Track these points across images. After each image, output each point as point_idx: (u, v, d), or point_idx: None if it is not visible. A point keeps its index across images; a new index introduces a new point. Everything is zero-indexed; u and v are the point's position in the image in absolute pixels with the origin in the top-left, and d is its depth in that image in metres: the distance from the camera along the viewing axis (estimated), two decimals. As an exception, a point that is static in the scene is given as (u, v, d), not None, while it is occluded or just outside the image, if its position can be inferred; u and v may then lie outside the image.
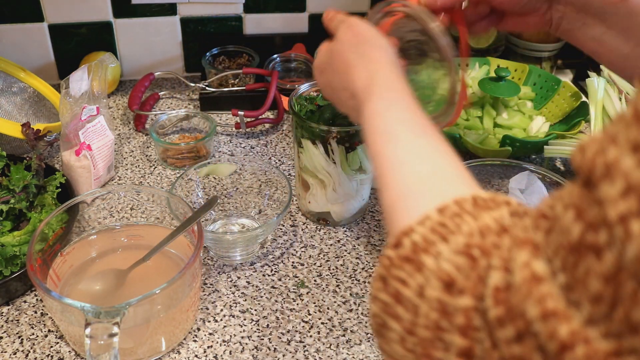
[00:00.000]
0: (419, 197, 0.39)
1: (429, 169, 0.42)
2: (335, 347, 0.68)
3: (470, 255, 0.32)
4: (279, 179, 0.82)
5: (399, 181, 0.42)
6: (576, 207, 0.26)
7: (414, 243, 0.35)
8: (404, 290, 0.34)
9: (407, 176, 0.42)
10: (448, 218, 0.35)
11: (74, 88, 0.82)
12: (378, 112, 0.49)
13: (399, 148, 0.44)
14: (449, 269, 0.32)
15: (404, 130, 0.46)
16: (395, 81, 0.51)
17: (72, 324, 0.61)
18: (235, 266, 0.78)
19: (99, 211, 0.77)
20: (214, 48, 1.14)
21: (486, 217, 0.34)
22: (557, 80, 1.04)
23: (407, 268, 0.34)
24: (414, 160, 0.43)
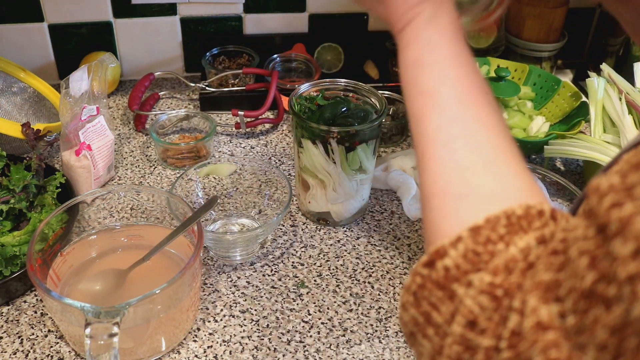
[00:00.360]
0: (461, 197, 0.38)
1: (475, 157, 0.39)
2: (335, 347, 0.68)
3: (494, 296, 0.32)
4: (279, 179, 0.82)
5: (440, 170, 0.40)
6: (591, 255, 0.27)
7: (446, 269, 0.35)
8: (434, 315, 0.35)
9: (451, 166, 0.39)
10: (481, 245, 0.34)
11: (74, 88, 0.82)
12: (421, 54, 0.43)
13: (443, 123, 0.41)
14: (473, 308, 0.32)
15: (451, 94, 0.41)
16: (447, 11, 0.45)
17: (72, 324, 0.61)
18: (235, 266, 0.78)
19: (99, 211, 0.77)
20: (214, 48, 1.14)
21: (513, 248, 0.34)
22: (557, 80, 1.04)
23: (438, 294, 0.35)
24: (460, 146, 0.40)
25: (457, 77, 0.42)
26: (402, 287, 0.38)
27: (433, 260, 0.36)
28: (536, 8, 1.12)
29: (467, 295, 0.33)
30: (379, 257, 0.80)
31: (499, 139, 0.40)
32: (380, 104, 0.78)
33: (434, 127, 0.41)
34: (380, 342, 0.69)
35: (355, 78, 0.84)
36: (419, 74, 0.44)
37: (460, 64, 0.43)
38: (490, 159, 0.39)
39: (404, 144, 1.03)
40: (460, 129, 0.40)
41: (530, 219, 0.35)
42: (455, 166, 0.39)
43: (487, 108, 0.42)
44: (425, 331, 0.35)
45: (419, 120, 0.42)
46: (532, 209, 0.36)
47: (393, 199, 0.90)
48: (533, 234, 0.34)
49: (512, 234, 0.34)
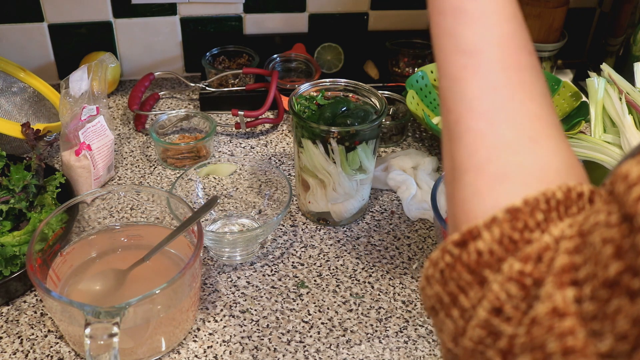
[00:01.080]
0: (498, 175, 0.35)
1: (518, 135, 0.36)
2: (335, 347, 0.68)
3: (522, 284, 0.31)
4: (279, 179, 0.82)
5: (478, 144, 0.36)
6: (616, 245, 0.26)
7: (479, 253, 0.33)
8: (462, 298, 0.34)
9: (490, 142, 0.36)
10: (517, 232, 0.32)
11: (73, 88, 0.82)
12: None
13: (485, 90, 0.37)
14: (500, 295, 0.31)
15: (497, 56, 0.37)
16: None
17: (72, 324, 0.61)
18: (235, 266, 0.78)
19: (99, 211, 0.77)
20: (214, 48, 1.14)
21: (547, 236, 0.32)
22: (557, 80, 1.04)
23: (468, 278, 0.33)
24: (502, 119, 0.36)
25: (504, 34, 0.38)
26: (427, 258, 0.36)
27: (465, 240, 0.34)
28: (536, 8, 1.12)
29: (495, 281, 0.32)
30: (379, 257, 0.80)
31: (542, 109, 0.37)
32: (380, 104, 0.78)
33: (475, 94, 0.37)
34: (380, 342, 0.69)
35: (355, 78, 0.84)
36: (460, 26, 0.38)
37: (508, 18, 0.38)
38: (533, 135, 0.36)
39: (404, 144, 1.03)
40: (504, 99, 0.36)
41: (569, 204, 0.33)
42: (496, 142, 0.36)
43: (532, 73, 0.38)
44: (449, 311, 0.34)
45: (455, 82, 0.38)
46: (572, 192, 0.33)
47: (393, 199, 0.90)
48: (568, 220, 0.32)
49: (549, 221, 0.33)
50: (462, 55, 0.38)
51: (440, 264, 0.35)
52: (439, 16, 0.39)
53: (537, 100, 0.37)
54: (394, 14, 1.20)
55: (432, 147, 1.01)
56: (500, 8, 0.38)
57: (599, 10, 1.28)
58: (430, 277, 0.36)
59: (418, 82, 1.03)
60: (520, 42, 0.38)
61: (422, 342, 0.69)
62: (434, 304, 0.36)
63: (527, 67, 0.38)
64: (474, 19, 0.38)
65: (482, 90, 0.37)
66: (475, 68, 0.37)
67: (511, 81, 0.37)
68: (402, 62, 1.13)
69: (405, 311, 0.72)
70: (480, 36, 0.38)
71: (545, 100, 0.38)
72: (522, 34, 0.39)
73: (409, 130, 1.05)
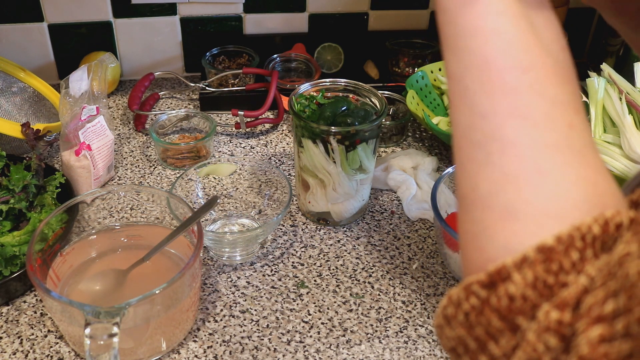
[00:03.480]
0: (506, 220, 0.32)
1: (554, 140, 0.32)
2: (335, 347, 0.68)
3: (562, 335, 0.28)
4: (279, 179, 0.82)
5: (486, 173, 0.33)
6: None
7: (510, 297, 0.30)
8: (491, 346, 0.31)
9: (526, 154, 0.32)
10: (552, 275, 0.29)
11: (73, 88, 0.82)
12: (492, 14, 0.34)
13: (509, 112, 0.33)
14: (538, 346, 0.28)
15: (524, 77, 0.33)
16: None
17: (72, 324, 0.61)
18: (235, 266, 0.78)
19: (98, 211, 0.77)
20: (214, 48, 1.14)
21: (584, 278, 0.29)
22: (557, 80, 1.04)
23: (498, 324, 0.30)
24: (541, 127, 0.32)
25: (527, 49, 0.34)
26: (445, 296, 0.34)
27: (494, 282, 0.31)
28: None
29: (530, 329, 0.29)
30: (379, 257, 0.80)
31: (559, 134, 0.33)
32: (380, 104, 0.78)
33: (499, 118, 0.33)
34: (380, 342, 0.69)
35: (355, 78, 0.84)
36: (480, 40, 0.34)
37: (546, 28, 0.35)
38: (541, 166, 0.32)
39: (404, 144, 1.03)
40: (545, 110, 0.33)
41: (606, 238, 0.30)
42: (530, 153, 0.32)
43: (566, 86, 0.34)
44: (477, 357, 0.31)
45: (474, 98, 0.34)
46: (609, 224, 0.30)
47: (393, 199, 0.90)
48: (605, 257, 0.30)
49: (584, 260, 0.30)
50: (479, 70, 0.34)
51: (464, 306, 0.32)
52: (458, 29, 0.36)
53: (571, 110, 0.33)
54: (394, 14, 1.20)
55: (432, 147, 1.01)
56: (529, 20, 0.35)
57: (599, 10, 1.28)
58: (451, 318, 0.33)
59: (418, 82, 1.03)
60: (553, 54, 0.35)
61: (422, 342, 0.69)
62: (455, 346, 0.33)
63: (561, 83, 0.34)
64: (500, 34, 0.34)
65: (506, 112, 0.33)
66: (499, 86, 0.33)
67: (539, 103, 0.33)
68: (402, 62, 1.13)
69: (405, 311, 0.72)
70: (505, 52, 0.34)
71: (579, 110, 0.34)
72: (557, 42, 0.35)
73: (409, 130, 1.05)
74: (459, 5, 0.35)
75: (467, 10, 0.34)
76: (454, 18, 0.35)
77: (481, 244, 0.33)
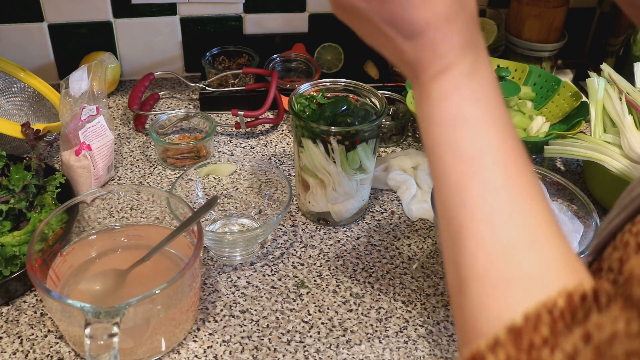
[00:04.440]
0: (503, 285, 0.34)
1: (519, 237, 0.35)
2: (335, 347, 0.68)
3: None
4: (279, 179, 0.82)
5: (480, 250, 0.35)
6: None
7: None
8: None
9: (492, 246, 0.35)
10: (524, 352, 0.30)
11: (73, 88, 0.82)
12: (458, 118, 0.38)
13: (485, 194, 0.36)
14: None
15: (496, 160, 0.37)
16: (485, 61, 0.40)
17: (72, 324, 0.61)
18: (235, 266, 0.78)
19: (98, 211, 0.77)
20: (214, 48, 1.14)
21: (559, 354, 0.30)
22: (557, 80, 1.04)
23: None
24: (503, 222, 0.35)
25: (501, 139, 0.37)
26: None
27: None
28: (536, 8, 1.12)
29: None
30: (379, 257, 0.80)
31: (540, 210, 0.36)
32: (380, 104, 0.78)
33: (476, 198, 0.36)
34: (380, 342, 0.69)
35: (355, 78, 0.84)
36: (459, 133, 0.37)
37: (504, 123, 0.38)
38: (532, 237, 0.35)
39: (404, 144, 1.03)
40: (503, 202, 0.36)
41: (574, 311, 0.31)
42: (495, 246, 0.35)
43: (529, 176, 0.37)
44: None
45: (456, 189, 0.37)
46: (574, 296, 0.31)
47: (393, 199, 0.90)
48: (578, 331, 0.30)
49: (556, 335, 0.30)
50: (462, 162, 0.37)
51: None
52: (436, 127, 0.39)
53: (537, 201, 0.36)
54: (394, 14, 1.20)
55: (432, 147, 1.01)
56: (497, 114, 0.38)
57: (599, 10, 1.28)
58: None
59: (418, 82, 1.03)
60: (517, 146, 0.38)
61: (422, 342, 0.69)
62: None
63: (524, 170, 0.37)
64: (474, 125, 0.37)
65: (482, 195, 0.36)
66: (476, 173, 0.36)
67: (511, 185, 0.36)
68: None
69: (405, 311, 0.72)
70: (481, 142, 0.37)
71: (543, 201, 0.37)
72: (516, 137, 0.38)
73: (409, 130, 1.05)
74: None
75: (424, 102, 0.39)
76: None
77: (476, 320, 0.34)
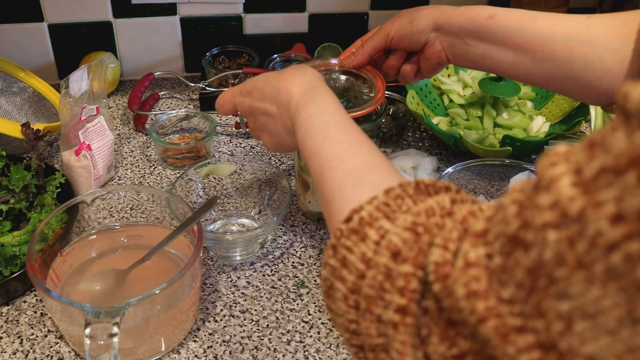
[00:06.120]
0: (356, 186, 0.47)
1: (361, 162, 0.49)
2: (335, 347, 0.68)
3: (415, 232, 0.38)
4: (279, 179, 0.82)
5: (338, 173, 0.49)
6: (520, 205, 0.30)
7: (361, 218, 0.41)
8: (349, 256, 0.41)
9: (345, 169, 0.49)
10: (392, 199, 0.41)
11: (73, 88, 0.82)
12: (312, 115, 0.56)
13: (332, 145, 0.52)
14: (397, 242, 0.38)
15: (336, 129, 0.53)
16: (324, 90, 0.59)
17: (72, 324, 0.61)
18: (235, 266, 0.78)
19: (98, 211, 0.77)
20: (214, 48, 1.14)
21: (430, 201, 0.40)
22: (557, 80, 1.04)
23: (353, 238, 0.41)
24: (348, 155, 0.50)
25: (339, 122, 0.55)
26: None
27: (351, 215, 0.42)
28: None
29: (392, 232, 0.39)
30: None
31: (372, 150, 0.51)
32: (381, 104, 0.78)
33: (327, 149, 0.52)
34: (381, 342, 0.69)
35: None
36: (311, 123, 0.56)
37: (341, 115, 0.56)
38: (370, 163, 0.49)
39: (404, 144, 1.03)
40: (345, 147, 0.51)
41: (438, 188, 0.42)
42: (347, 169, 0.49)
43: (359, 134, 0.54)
44: (340, 274, 0.41)
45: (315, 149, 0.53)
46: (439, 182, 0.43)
47: (393, 199, 0.90)
48: (445, 195, 0.41)
49: (420, 194, 0.41)
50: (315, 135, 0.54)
51: (332, 242, 0.42)
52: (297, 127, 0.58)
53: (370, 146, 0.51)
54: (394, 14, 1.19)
55: (432, 147, 1.01)
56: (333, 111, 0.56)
57: (599, 10, 1.28)
58: (326, 260, 0.43)
59: (418, 82, 1.03)
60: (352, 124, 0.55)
61: (422, 342, 0.69)
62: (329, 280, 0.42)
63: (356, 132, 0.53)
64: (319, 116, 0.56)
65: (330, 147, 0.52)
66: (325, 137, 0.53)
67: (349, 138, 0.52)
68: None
69: (405, 311, 0.72)
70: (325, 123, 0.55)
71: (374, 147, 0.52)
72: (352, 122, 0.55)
73: (409, 130, 1.05)
74: None
75: None
76: None
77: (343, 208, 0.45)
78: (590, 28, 0.64)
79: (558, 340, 0.28)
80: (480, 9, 0.70)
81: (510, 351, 0.30)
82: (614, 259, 0.25)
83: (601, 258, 0.26)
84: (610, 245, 0.25)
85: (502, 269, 0.31)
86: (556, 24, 0.66)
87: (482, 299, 0.31)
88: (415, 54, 0.78)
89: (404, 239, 0.38)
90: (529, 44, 0.67)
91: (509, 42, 0.68)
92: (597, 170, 0.26)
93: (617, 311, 0.26)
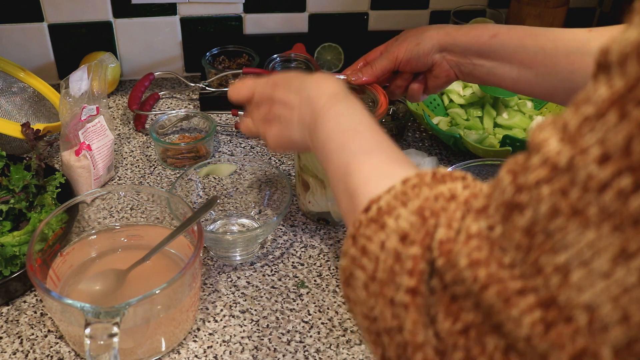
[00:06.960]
0: (381, 179, 0.47)
1: (387, 158, 0.51)
2: (335, 347, 0.68)
3: (422, 215, 0.39)
4: (279, 179, 0.82)
5: (365, 167, 0.50)
6: (513, 172, 0.32)
7: (379, 208, 0.42)
8: (369, 245, 0.41)
9: (372, 164, 0.50)
10: (409, 188, 0.42)
11: (73, 88, 0.82)
12: (343, 113, 0.57)
13: (363, 142, 0.53)
14: (405, 226, 0.39)
15: (367, 128, 0.55)
16: (353, 96, 0.61)
17: (72, 324, 0.61)
18: (235, 266, 0.78)
19: (98, 211, 0.77)
20: (214, 48, 1.14)
21: (441, 187, 0.41)
22: (557, 80, 1.04)
23: (373, 227, 0.42)
24: (376, 152, 0.52)
25: (369, 121, 0.56)
26: None
27: (370, 205, 0.43)
28: (536, 8, 1.12)
29: (401, 217, 0.40)
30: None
31: (394, 149, 0.53)
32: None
33: (356, 145, 0.53)
34: (381, 342, 0.69)
35: (355, 78, 0.84)
36: (340, 120, 0.57)
37: (368, 116, 0.57)
38: (395, 160, 0.51)
39: (404, 144, 1.03)
40: (372, 145, 0.53)
41: (454, 177, 0.43)
42: (375, 164, 0.50)
43: (385, 136, 0.55)
44: (361, 263, 0.41)
45: (343, 145, 0.54)
46: (456, 172, 0.44)
47: (393, 199, 0.90)
48: (459, 182, 0.42)
49: (437, 182, 0.42)
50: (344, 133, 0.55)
51: (351, 231, 0.43)
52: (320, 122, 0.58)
53: (393, 146, 0.53)
54: (394, 14, 1.20)
55: (432, 147, 1.01)
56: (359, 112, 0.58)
57: (599, 10, 1.28)
58: (346, 250, 0.43)
59: (418, 82, 1.03)
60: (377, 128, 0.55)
61: (422, 342, 0.69)
62: (349, 270, 0.43)
63: (382, 134, 0.54)
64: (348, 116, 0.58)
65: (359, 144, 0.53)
66: (354, 134, 0.54)
67: (376, 137, 0.54)
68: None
69: (405, 311, 0.72)
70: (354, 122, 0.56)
71: (395, 146, 0.53)
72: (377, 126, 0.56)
73: (409, 130, 1.05)
74: None
75: None
76: None
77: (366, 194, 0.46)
78: (591, 41, 0.67)
79: (557, 294, 0.29)
80: (482, 28, 0.74)
81: (514, 314, 0.30)
82: (606, 198, 0.26)
83: (594, 200, 0.27)
84: (601, 185, 0.27)
85: (502, 237, 0.32)
86: (558, 40, 0.69)
87: (484, 267, 0.32)
88: (422, 73, 0.81)
89: (411, 222, 0.39)
90: (532, 60, 0.70)
91: (512, 59, 0.72)
92: (580, 121, 0.28)
93: (611, 250, 0.27)
